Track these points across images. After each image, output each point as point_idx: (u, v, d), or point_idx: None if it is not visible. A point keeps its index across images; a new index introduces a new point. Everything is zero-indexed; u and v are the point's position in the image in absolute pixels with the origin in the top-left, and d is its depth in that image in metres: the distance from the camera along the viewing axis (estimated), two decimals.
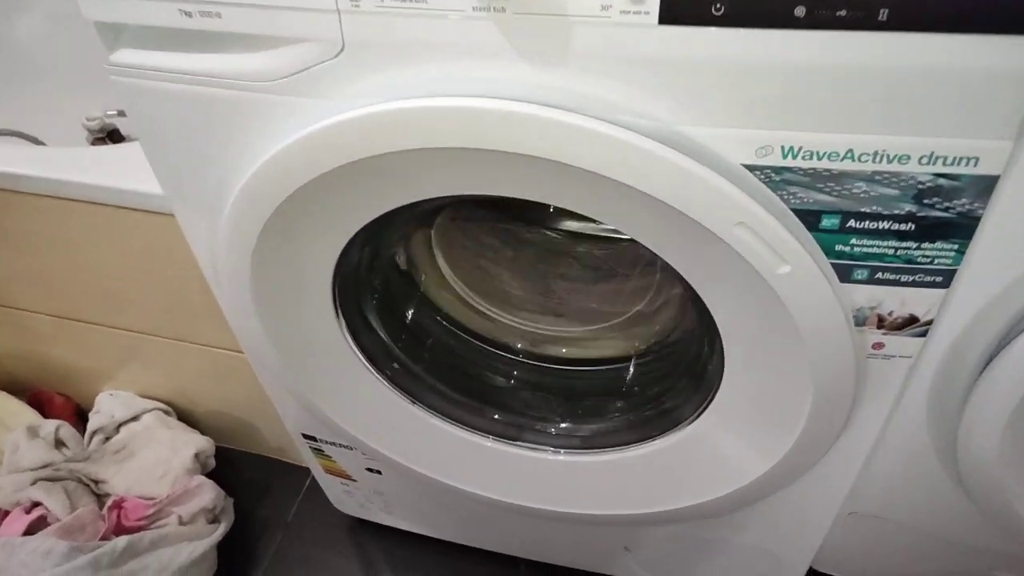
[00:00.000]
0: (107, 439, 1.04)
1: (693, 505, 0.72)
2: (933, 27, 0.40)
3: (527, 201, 0.54)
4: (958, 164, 0.45)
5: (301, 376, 0.74)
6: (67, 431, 1.04)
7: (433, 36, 0.47)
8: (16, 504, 0.92)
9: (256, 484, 1.13)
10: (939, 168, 0.46)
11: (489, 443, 0.77)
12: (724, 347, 0.60)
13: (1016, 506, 0.69)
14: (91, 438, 1.04)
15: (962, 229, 0.49)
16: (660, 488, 0.72)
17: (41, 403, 1.14)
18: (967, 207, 0.47)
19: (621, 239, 0.77)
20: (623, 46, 0.44)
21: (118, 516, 0.93)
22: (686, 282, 0.57)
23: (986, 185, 0.46)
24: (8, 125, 1.35)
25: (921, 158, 0.45)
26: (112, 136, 1.33)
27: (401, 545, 1.04)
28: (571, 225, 0.78)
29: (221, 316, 0.89)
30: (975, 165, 0.45)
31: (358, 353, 0.72)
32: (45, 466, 0.97)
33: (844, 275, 0.52)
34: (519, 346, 0.80)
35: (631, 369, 0.77)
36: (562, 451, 0.76)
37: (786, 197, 0.49)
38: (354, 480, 0.94)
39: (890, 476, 0.73)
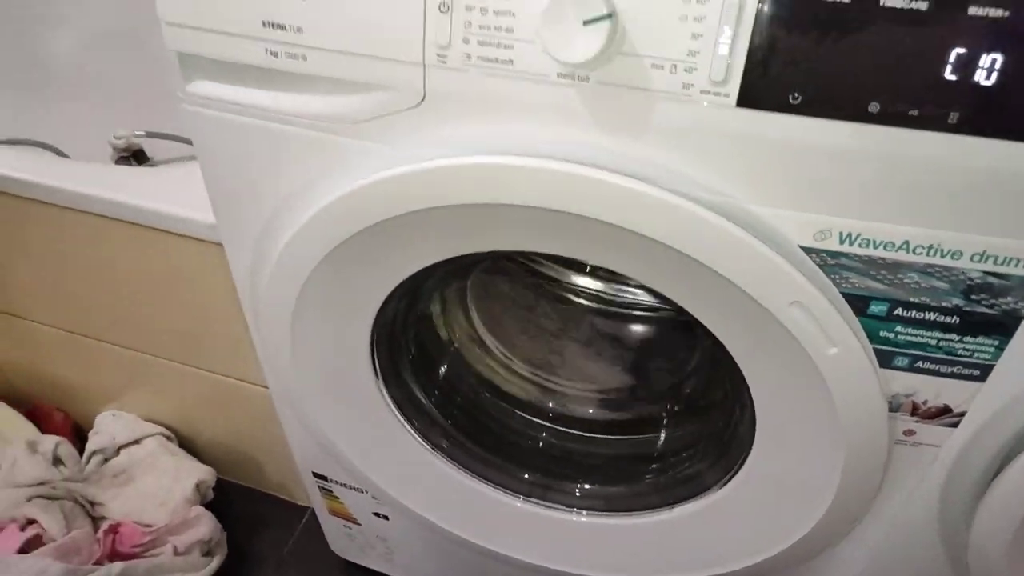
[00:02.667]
0: (106, 460, 1.02)
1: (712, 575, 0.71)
2: (998, 134, 0.43)
3: (567, 259, 0.55)
4: (1008, 264, 0.47)
5: (326, 417, 0.73)
6: (66, 449, 1.03)
7: (515, 96, 0.49)
8: (11, 520, 0.90)
9: (252, 519, 1.11)
10: (990, 266, 0.47)
11: (519, 503, 0.76)
12: (757, 418, 0.61)
13: None
14: (89, 458, 1.03)
15: (1005, 327, 0.50)
16: (681, 556, 0.72)
17: (39, 418, 1.12)
18: (1012, 305, 0.49)
19: (662, 308, 0.78)
20: (701, 124, 0.46)
21: (113, 541, 0.91)
22: (723, 350, 0.58)
23: None
24: (34, 135, 1.36)
25: (973, 255, 0.47)
26: (137, 156, 1.34)
27: None
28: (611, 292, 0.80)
29: (237, 344, 0.89)
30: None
31: (389, 402, 0.72)
32: (42, 483, 0.95)
33: (885, 361, 0.54)
34: (550, 405, 0.80)
35: (662, 436, 0.78)
36: (585, 512, 0.75)
37: (838, 280, 0.50)
38: (358, 524, 0.92)
39: (897, 569, 0.73)
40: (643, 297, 0.79)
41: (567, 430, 0.80)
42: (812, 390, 0.54)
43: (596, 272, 0.80)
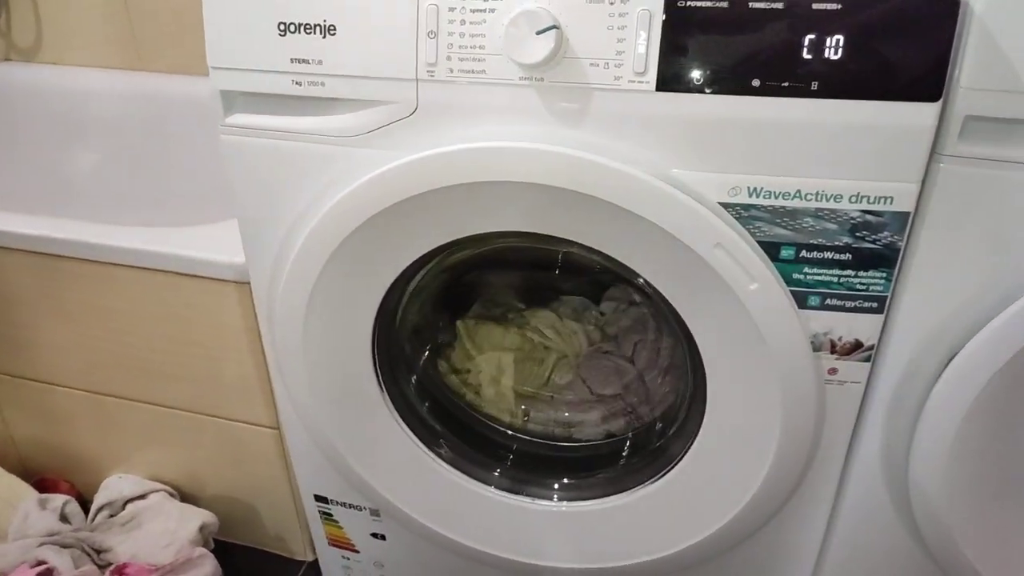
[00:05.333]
0: (112, 516, 1.07)
1: (692, 545, 0.78)
2: (851, 95, 0.57)
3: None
4: (879, 202, 0.60)
5: (331, 420, 0.82)
6: (73, 507, 1.07)
7: (487, 98, 0.63)
8: (23, 562, 0.94)
9: (252, 574, 1.13)
10: (865, 206, 0.61)
11: (489, 493, 0.83)
12: (707, 377, 0.71)
13: (966, 552, 0.76)
14: (96, 513, 1.07)
15: (887, 259, 0.63)
16: (664, 530, 0.79)
17: (46, 488, 1.17)
18: (889, 239, 0.62)
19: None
20: (630, 107, 0.61)
21: None
22: (677, 336, 0.69)
23: (902, 221, 0.61)
24: None
25: (851, 197, 0.60)
26: None
27: None
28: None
29: (247, 387, 0.98)
30: (891, 203, 0.60)
31: (388, 402, 0.81)
32: (52, 535, 0.99)
33: (801, 302, 0.65)
34: (524, 408, 0.91)
35: (628, 443, 0.87)
36: (563, 502, 0.83)
37: (752, 231, 0.63)
38: (356, 551, 0.97)
39: (854, 537, 0.80)
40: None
41: (539, 440, 0.90)
42: (744, 332, 0.65)
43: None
